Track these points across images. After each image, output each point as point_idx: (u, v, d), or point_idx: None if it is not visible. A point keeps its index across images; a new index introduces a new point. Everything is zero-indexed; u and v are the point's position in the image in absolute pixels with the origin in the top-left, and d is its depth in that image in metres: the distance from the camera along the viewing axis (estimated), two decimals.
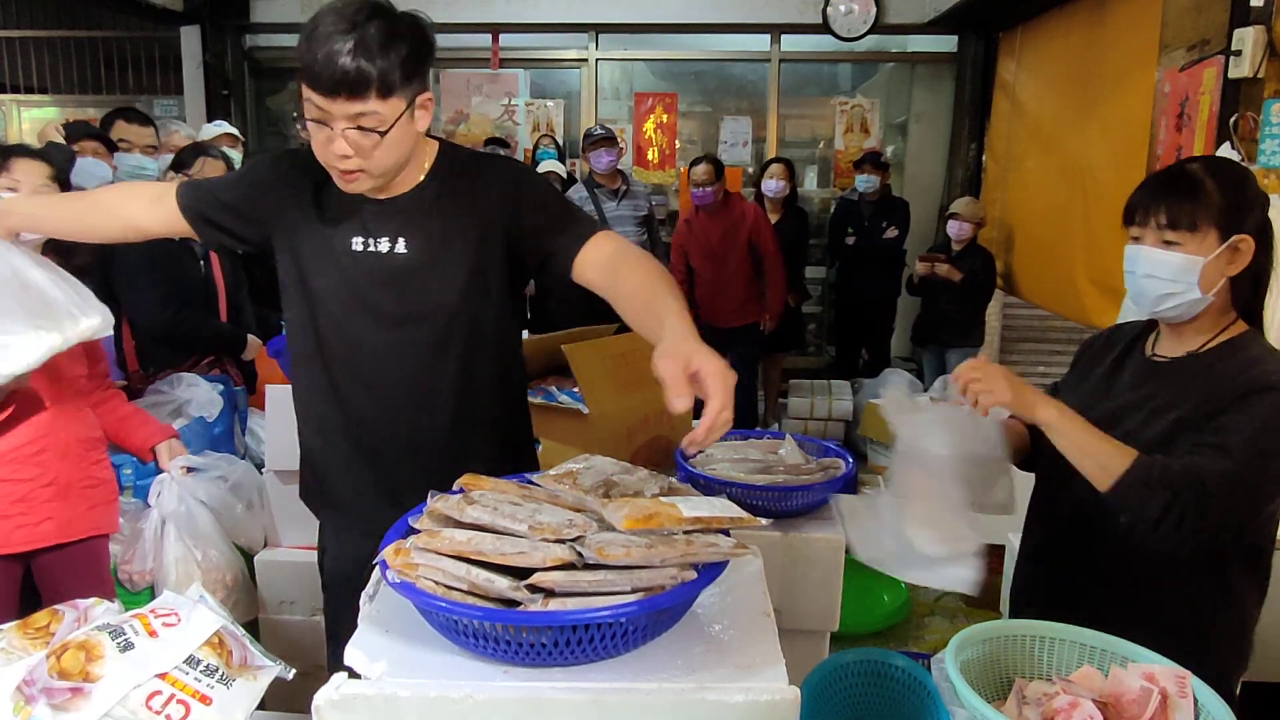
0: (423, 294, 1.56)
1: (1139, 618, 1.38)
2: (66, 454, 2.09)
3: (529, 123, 6.92)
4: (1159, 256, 1.45)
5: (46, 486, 2.06)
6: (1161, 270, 1.45)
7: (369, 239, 1.55)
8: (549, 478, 1.27)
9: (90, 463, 2.16)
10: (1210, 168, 1.47)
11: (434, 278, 1.56)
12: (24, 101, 7.43)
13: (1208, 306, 1.46)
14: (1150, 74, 3.74)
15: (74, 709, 1.16)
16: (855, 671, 1.60)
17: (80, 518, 2.13)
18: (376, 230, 1.55)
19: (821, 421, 5.15)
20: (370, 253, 1.55)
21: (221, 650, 1.27)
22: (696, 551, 1.10)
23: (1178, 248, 1.43)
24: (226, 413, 2.71)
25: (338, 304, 1.58)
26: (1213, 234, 1.42)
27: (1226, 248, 1.42)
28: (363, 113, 1.39)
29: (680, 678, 1.06)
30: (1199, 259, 1.42)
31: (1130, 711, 1.19)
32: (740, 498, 1.83)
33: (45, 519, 2.06)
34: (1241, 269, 1.44)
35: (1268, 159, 2.94)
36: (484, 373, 1.63)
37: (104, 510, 2.20)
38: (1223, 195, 1.42)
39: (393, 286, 1.56)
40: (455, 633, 1.08)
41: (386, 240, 1.54)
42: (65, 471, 2.09)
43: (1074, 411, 1.44)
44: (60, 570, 2.15)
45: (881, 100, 6.91)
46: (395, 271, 1.55)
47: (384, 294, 1.56)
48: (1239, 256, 1.43)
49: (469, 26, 6.58)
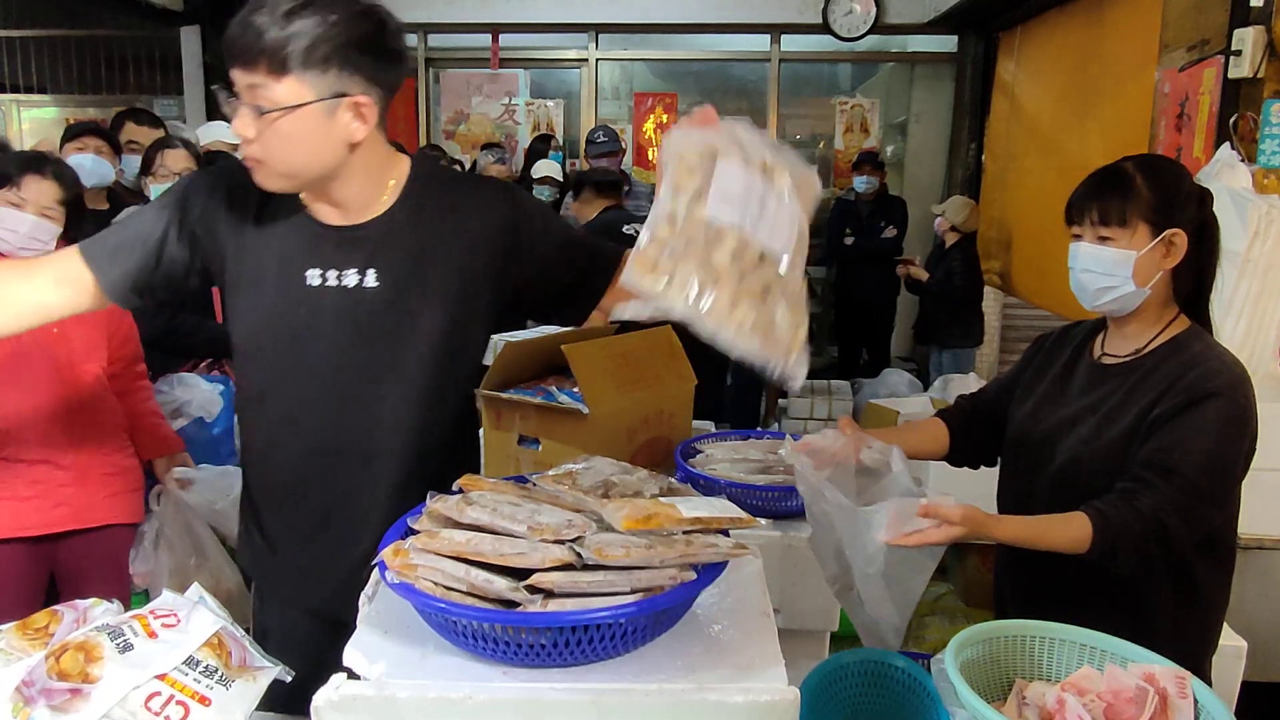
0: (394, 333, 1.35)
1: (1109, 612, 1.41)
2: (84, 440, 2.08)
3: (529, 123, 6.92)
4: (1094, 252, 1.51)
5: (65, 471, 2.05)
6: (1096, 265, 1.50)
7: (328, 270, 1.33)
8: (548, 478, 1.27)
9: (111, 450, 2.15)
10: (1142, 165, 1.52)
11: (406, 314, 1.35)
12: (24, 101, 7.43)
13: (1148, 300, 1.51)
14: (1150, 74, 3.74)
15: (73, 710, 1.16)
16: (855, 671, 1.60)
17: (98, 505, 2.13)
18: (340, 261, 1.33)
19: (821, 422, 5.14)
20: (330, 287, 1.34)
21: (221, 651, 1.26)
22: (696, 552, 1.10)
23: (1111, 243, 1.49)
24: (226, 413, 2.71)
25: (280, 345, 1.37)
26: (1144, 229, 1.48)
27: (1159, 242, 1.48)
28: (254, 85, 1.21)
29: (680, 678, 1.06)
30: (1131, 253, 1.48)
31: (1129, 712, 1.19)
32: (740, 498, 1.83)
33: (61, 504, 2.06)
34: (1177, 262, 1.49)
35: (1268, 159, 2.95)
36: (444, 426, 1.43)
37: (125, 499, 2.19)
38: (1152, 191, 1.48)
39: (357, 324, 1.34)
40: (455, 633, 1.08)
41: (354, 272, 1.33)
42: (84, 459, 2.08)
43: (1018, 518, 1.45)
44: (80, 559, 2.15)
45: (881, 100, 6.92)
46: (361, 306, 1.34)
47: (343, 333, 1.34)
48: (1174, 250, 1.49)
49: (469, 26, 6.58)
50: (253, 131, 1.23)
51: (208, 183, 1.39)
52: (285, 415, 1.41)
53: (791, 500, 1.94)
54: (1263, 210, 2.57)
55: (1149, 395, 1.47)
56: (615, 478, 1.26)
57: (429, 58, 6.85)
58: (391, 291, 1.34)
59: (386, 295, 1.34)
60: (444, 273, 1.36)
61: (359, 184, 1.34)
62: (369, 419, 1.39)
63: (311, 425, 1.39)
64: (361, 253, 1.34)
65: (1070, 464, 1.54)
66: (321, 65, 1.21)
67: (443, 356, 1.38)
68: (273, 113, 1.21)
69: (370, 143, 1.32)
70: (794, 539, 1.91)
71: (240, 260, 1.36)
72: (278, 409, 1.41)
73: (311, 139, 1.24)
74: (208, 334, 2.95)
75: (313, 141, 1.25)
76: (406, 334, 1.35)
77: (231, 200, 1.36)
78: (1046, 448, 1.58)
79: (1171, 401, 1.44)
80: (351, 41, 1.22)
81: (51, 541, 2.11)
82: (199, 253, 1.38)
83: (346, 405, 1.38)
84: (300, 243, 1.34)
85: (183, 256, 1.38)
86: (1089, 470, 1.51)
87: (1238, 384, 1.44)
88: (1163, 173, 1.52)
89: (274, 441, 1.44)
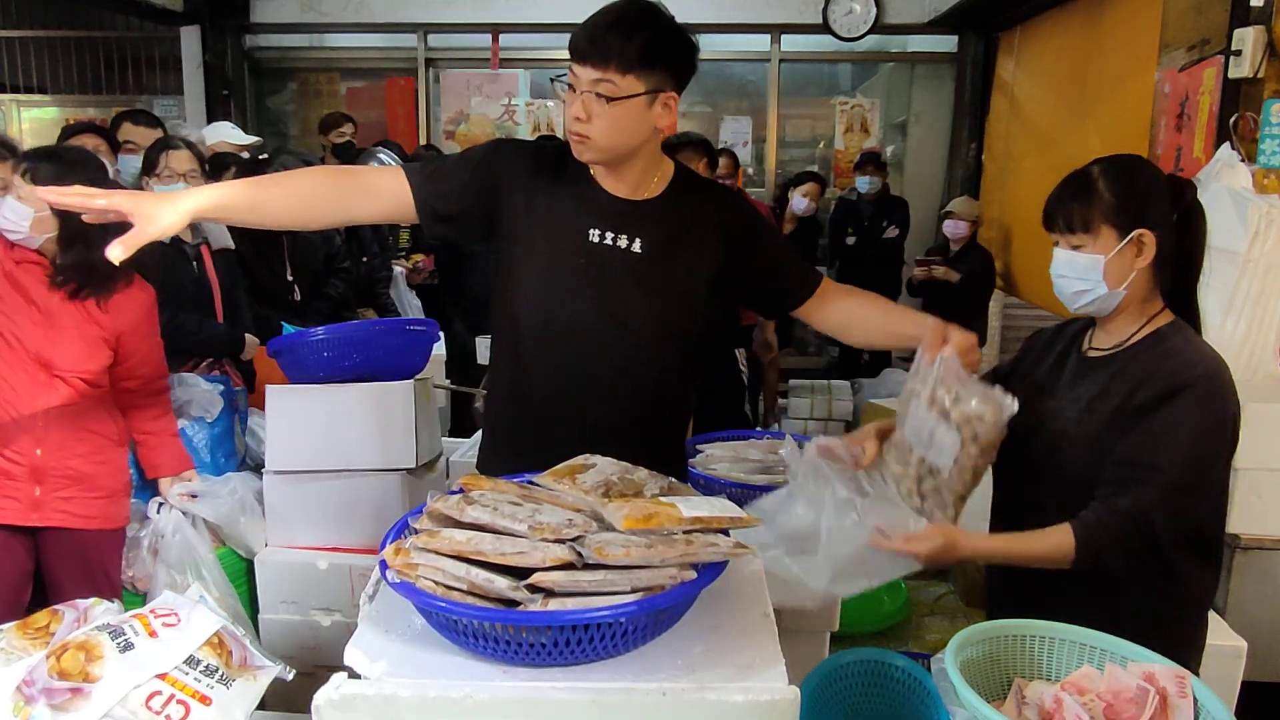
0: (645, 285, 1.67)
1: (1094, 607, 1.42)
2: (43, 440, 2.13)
3: (529, 123, 6.91)
4: (1067, 257, 1.54)
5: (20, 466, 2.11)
6: (1070, 270, 1.54)
7: (606, 233, 1.65)
8: (549, 478, 1.27)
9: (72, 455, 2.18)
10: (1107, 167, 1.53)
11: (661, 276, 1.67)
12: (24, 101, 7.43)
13: (1128, 298, 1.53)
14: (1150, 74, 3.74)
15: (74, 709, 1.16)
16: (855, 671, 1.60)
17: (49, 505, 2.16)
18: (617, 226, 1.65)
19: (821, 422, 5.14)
20: (606, 245, 1.65)
21: (221, 650, 1.27)
22: (696, 551, 1.10)
23: (1082, 248, 1.52)
24: (226, 413, 2.70)
25: (562, 282, 1.66)
26: (1109, 232, 1.50)
27: (1128, 243, 1.49)
28: (600, 79, 1.53)
29: (680, 678, 1.06)
30: (1100, 257, 1.50)
31: (1129, 711, 1.19)
32: (740, 498, 1.83)
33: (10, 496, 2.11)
34: (1149, 261, 1.50)
35: (1268, 159, 2.95)
36: (664, 366, 1.72)
37: (86, 505, 2.21)
38: (1115, 194, 1.50)
39: (623, 278, 1.65)
40: (455, 633, 1.08)
41: (625, 237, 1.65)
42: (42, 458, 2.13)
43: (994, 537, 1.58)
44: (62, 558, 2.17)
45: (881, 100, 6.91)
46: (629, 265, 1.65)
47: (610, 281, 1.65)
48: (1145, 249, 1.50)
49: (469, 26, 6.58)
50: (589, 115, 1.56)
51: (510, 149, 1.73)
52: (562, 338, 1.67)
53: None
54: (1263, 210, 2.57)
55: (1127, 385, 1.49)
56: (616, 477, 1.27)
57: (429, 58, 6.84)
58: (649, 257, 1.67)
59: (645, 259, 1.66)
60: (690, 251, 1.70)
61: (642, 166, 1.67)
62: (618, 350, 1.68)
63: (578, 349, 1.67)
64: (634, 223, 1.66)
65: (1053, 454, 1.56)
66: (651, 66, 1.55)
67: (674, 310, 1.71)
68: (616, 100, 1.54)
69: (657, 135, 1.66)
70: None
71: (530, 215, 1.67)
72: (559, 333, 1.68)
73: (634, 123, 1.58)
74: (208, 334, 2.95)
75: (634, 125, 1.58)
76: (655, 288, 1.68)
77: (527, 166, 1.69)
78: (1033, 438, 1.60)
79: (1149, 393, 1.45)
80: (670, 49, 1.57)
81: (30, 535, 2.16)
82: (494, 200, 1.67)
83: (601, 336, 1.67)
84: (586, 206, 1.66)
85: (481, 201, 1.67)
86: (1071, 461, 1.53)
87: (1214, 375, 1.45)
88: (1127, 173, 1.52)
89: (543, 361, 1.70)
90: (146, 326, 2.29)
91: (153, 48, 7.25)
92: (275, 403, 2.39)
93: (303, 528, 2.43)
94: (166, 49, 7.05)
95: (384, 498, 2.39)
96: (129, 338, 2.24)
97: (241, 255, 3.24)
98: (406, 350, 2.46)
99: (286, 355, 2.41)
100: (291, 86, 7.29)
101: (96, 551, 2.25)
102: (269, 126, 7.30)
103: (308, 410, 2.37)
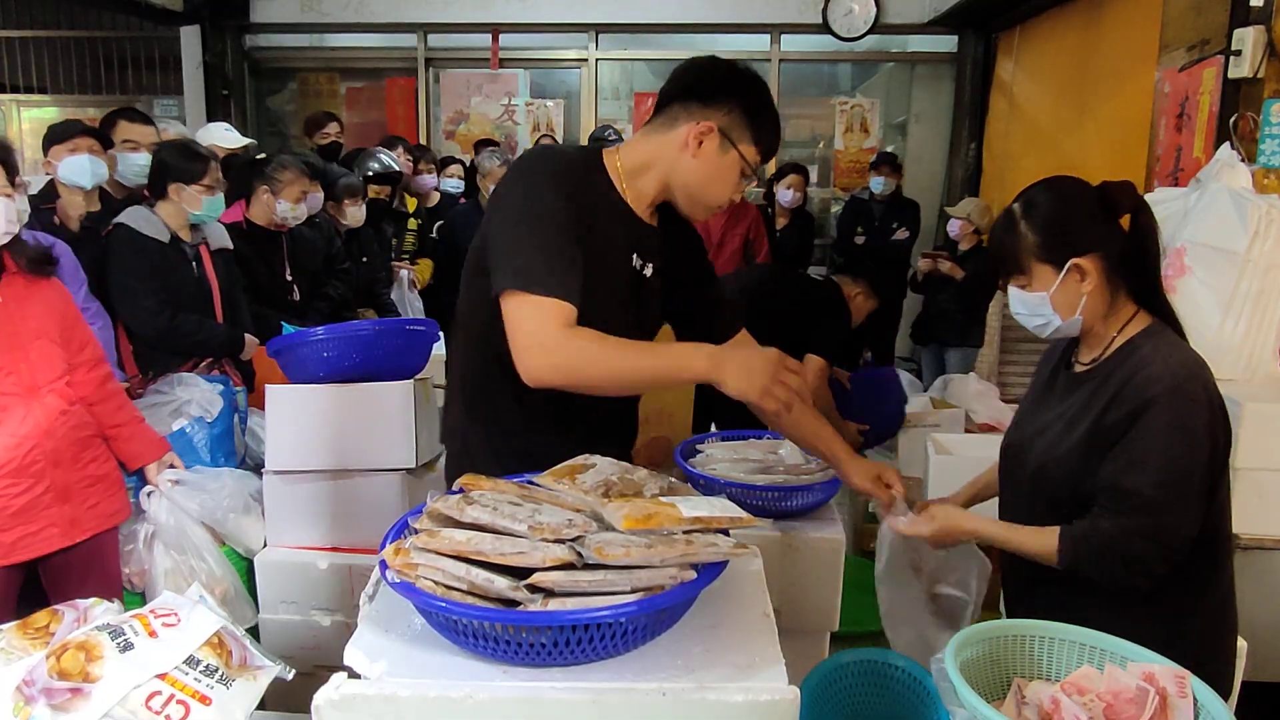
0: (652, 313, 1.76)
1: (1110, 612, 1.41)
2: (59, 459, 2.09)
3: (529, 123, 6.92)
4: (1018, 296, 1.54)
5: (45, 494, 2.06)
6: (1023, 308, 1.55)
7: (643, 257, 1.68)
8: (549, 478, 1.27)
9: (87, 461, 2.16)
10: (1026, 205, 1.52)
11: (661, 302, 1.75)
12: (24, 101, 7.43)
13: (1090, 317, 1.52)
14: (1150, 74, 3.74)
15: (74, 709, 1.16)
16: (855, 671, 1.60)
17: (84, 517, 2.14)
18: (645, 253, 1.68)
19: None
20: (635, 271, 1.67)
21: (221, 650, 1.27)
22: (696, 551, 1.10)
23: (1026, 287, 1.52)
24: (226, 413, 2.70)
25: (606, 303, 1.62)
26: (1044, 269, 1.49)
27: (1067, 274, 1.48)
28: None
29: (680, 678, 1.06)
30: (1043, 294, 1.50)
31: (1129, 711, 1.19)
32: (740, 498, 1.83)
33: (48, 525, 2.07)
34: (1097, 283, 1.48)
35: (1268, 159, 2.95)
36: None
37: (108, 504, 2.20)
38: (1038, 231, 1.49)
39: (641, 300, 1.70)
40: (455, 633, 1.08)
41: (651, 266, 1.69)
42: (61, 476, 2.09)
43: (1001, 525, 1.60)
44: (67, 570, 2.16)
45: (881, 100, 6.92)
46: (651, 291, 1.71)
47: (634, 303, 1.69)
48: (1087, 275, 1.48)
49: (469, 26, 6.59)
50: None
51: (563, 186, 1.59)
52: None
53: (791, 500, 1.94)
54: (1263, 210, 2.57)
55: (1101, 403, 1.48)
56: (616, 477, 1.26)
57: (429, 58, 6.85)
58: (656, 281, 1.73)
59: (654, 283, 1.73)
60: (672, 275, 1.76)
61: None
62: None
63: None
64: (654, 249, 1.71)
65: (1040, 471, 1.56)
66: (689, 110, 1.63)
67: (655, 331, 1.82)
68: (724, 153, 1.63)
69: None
70: (794, 539, 1.91)
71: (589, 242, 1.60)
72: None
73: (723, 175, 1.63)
74: (208, 334, 2.95)
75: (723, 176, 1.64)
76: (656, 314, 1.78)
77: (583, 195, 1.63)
78: (1024, 454, 1.60)
79: (1117, 413, 1.44)
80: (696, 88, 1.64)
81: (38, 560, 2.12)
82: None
83: None
84: (631, 235, 1.67)
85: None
86: (1055, 477, 1.52)
87: (1179, 385, 1.41)
88: (1046, 206, 1.50)
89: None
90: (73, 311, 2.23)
91: (152, 48, 7.26)
92: (275, 403, 2.39)
93: (303, 528, 2.43)
94: (166, 49, 7.06)
95: (384, 498, 2.39)
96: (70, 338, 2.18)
97: (241, 255, 3.23)
98: (406, 350, 2.46)
99: (286, 355, 2.41)
100: (291, 86, 7.30)
101: (111, 549, 2.25)
102: (269, 126, 7.31)
103: (308, 410, 2.37)
